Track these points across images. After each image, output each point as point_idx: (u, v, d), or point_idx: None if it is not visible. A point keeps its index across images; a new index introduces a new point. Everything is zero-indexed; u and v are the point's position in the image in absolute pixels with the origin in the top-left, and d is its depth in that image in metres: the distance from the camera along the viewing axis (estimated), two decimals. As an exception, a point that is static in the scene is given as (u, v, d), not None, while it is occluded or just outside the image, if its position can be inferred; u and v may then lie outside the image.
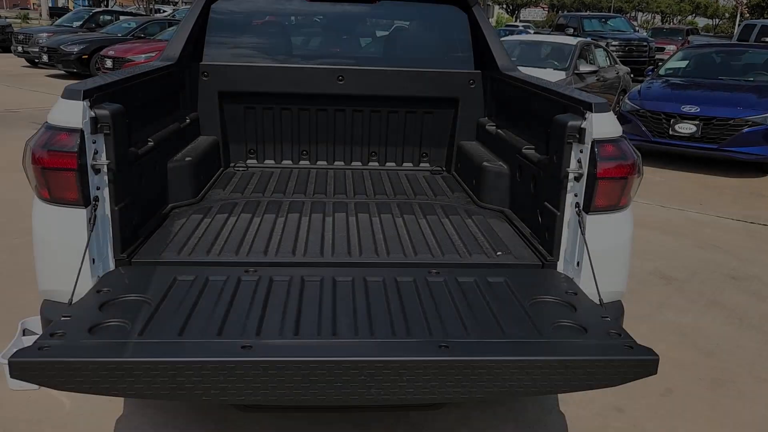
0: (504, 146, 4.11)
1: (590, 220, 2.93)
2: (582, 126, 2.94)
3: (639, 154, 2.97)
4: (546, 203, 3.21)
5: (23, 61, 22.44)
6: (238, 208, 3.86)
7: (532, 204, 3.51)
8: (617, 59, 15.96)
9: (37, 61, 21.27)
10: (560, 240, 3.10)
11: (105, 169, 2.87)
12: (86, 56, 20.05)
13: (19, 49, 22.06)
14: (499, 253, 3.22)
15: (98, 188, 2.86)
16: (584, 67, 12.77)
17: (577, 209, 2.98)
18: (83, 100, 2.73)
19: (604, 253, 2.95)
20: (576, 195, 3.01)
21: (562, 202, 3.05)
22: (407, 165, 5.06)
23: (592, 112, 2.89)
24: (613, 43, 22.47)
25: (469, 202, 4.19)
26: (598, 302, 2.81)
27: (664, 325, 5.11)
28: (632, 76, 16.28)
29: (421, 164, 5.07)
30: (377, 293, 2.73)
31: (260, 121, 4.87)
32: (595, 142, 2.86)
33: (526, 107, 3.90)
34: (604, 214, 2.94)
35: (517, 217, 3.80)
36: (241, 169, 4.86)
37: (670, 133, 10.18)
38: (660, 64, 14.08)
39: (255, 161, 4.97)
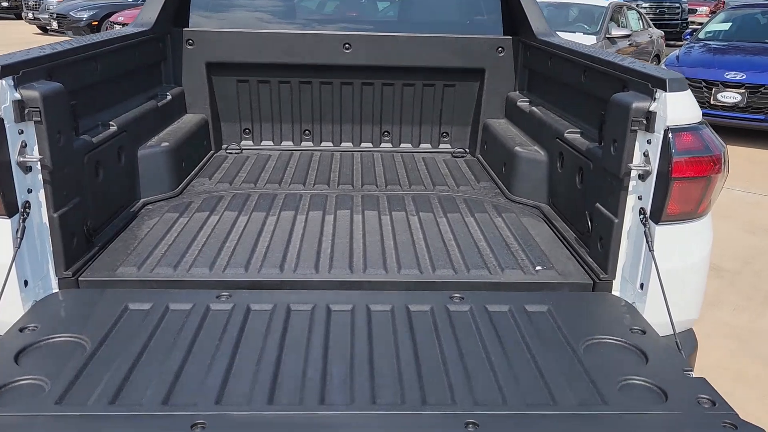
0: (540, 128, 3.43)
1: (660, 231, 2.27)
2: (651, 109, 2.26)
3: (725, 146, 2.29)
4: (599, 205, 2.55)
5: (35, 28, 21.88)
6: (223, 203, 3.24)
7: (579, 203, 2.85)
8: (650, 22, 15.00)
9: (48, 28, 20.71)
10: (617, 254, 2.45)
11: (38, 166, 2.25)
12: (96, 22, 19.44)
13: (30, 15, 21.47)
14: (538, 268, 2.58)
15: (30, 191, 2.25)
16: (616, 31, 11.88)
17: (642, 217, 2.32)
18: (2, 78, 2.11)
19: (676, 273, 2.30)
20: (640, 198, 2.35)
21: (621, 207, 2.39)
22: (425, 146, 4.39)
23: (665, 90, 2.21)
24: (644, 5, 21.33)
25: (497, 194, 3.53)
26: (673, 341, 2.16)
27: (717, 327, 4.47)
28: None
29: (441, 145, 4.40)
30: (383, 331, 2.11)
31: (255, 97, 4.22)
32: (670, 131, 2.19)
33: (569, 82, 3.22)
34: (677, 224, 2.28)
35: (557, 215, 3.14)
36: (234, 151, 4.23)
37: (712, 102, 9.36)
38: (694, 26, 13.15)
39: (250, 142, 4.34)
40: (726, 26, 11.50)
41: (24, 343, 1.96)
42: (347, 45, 4.01)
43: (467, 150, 4.37)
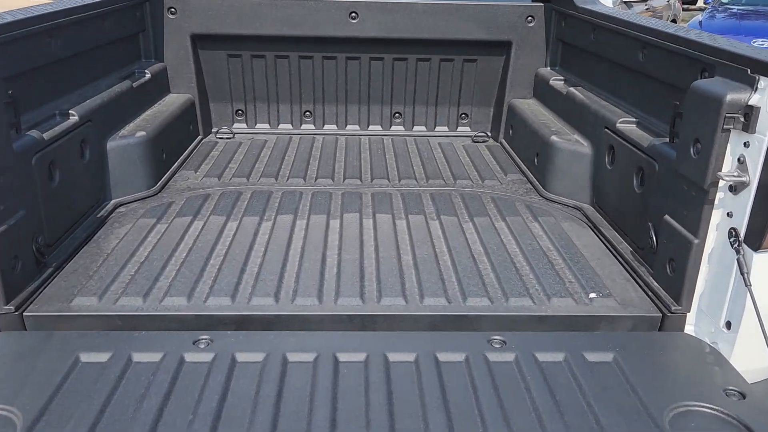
0: (582, 113, 2.92)
1: (759, 260, 1.78)
2: (752, 103, 1.76)
3: None
4: (669, 218, 2.06)
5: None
6: (209, 204, 2.75)
7: (637, 210, 2.36)
8: (667, -16, 14.27)
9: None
10: (695, 281, 1.96)
11: None
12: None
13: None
14: (592, 295, 2.10)
15: None
16: (634, -6, 11.23)
17: (732, 239, 1.82)
18: None
19: (774, 310, 1.81)
20: (730, 215, 1.85)
21: (703, 225, 1.90)
22: (441, 129, 3.88)
23: None
24: (657, -34, 20.46)
25: (529, 191, 3.04)
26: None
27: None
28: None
29: (460, 128, 3.89)
30: (408, 397, 1.63)
31: (249, 74, 3.70)
32: None
33: (621, 60, 2.70)
34: (781, 251, 1.79)
35: (603, 219, 2.65)
36: (225, 136, 3.72)
37: (739, 72, 8.78)
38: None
39: (244, 125, 3.83)
40: (751, -11, 10.83)
41: None
42: (354, 14, 3.48)
43: (489, 134, 3.86)
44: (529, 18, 3.55)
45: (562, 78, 3.35)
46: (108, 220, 2.59)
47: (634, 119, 2.53)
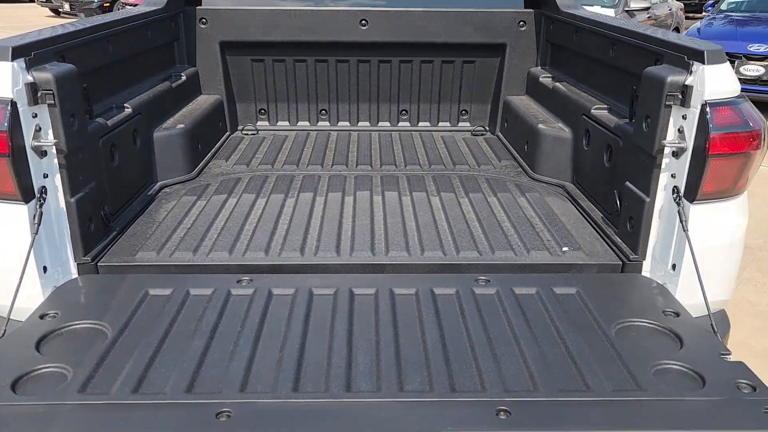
0: (565, 104, 3.34)
1: (695, 210, 2.19)
2: (687, 83, 2.17)
3: (765, 121, 2.20)
4: (629, 184, 2.47)
5: (47, 11, 21.88)
6: (241, 185, 3.18)
7: (607, 181, 2.76)
8: (670, -7, 14.67)
9: (60, 10, 20.74)
10: (648, 233, 2.37)
11: (53, 150, 2.20)
12: (108, 4, 19.41)
13: (42, -3, 21.51)
14: (565, 248, 2.51)
15: (46, 176, 2.20)
16: (636, 3, 11.62)
17: (675, 195, 2.23)
18: (13, 60, 2.05)
19: (710, 253, 2.22)
20: (674, 176, 2.26)
21: (653, 186, 2.31)
22: (444, 125, 4.31)
23: (704, 63, 2.11)
24: (662, -24, 20.83)
25: (520, 173, 3.45)
26: (707, 323, 2.09)
27: (740, 306, 4.37)
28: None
29: (460, 123, 4.32)
30: (408, 315, 2.05)
31: (271, 76, 4.15)
32: (707, 105, 2.10)
33: (597, 56, 3.11)
34: (713, 203, 2.20)
35: (582, 193, 3.06)
36: (250, 132, 4.17)
37: (735, 75, 9.14)
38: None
39: (266, 123, 4.28)
40: (749, -3, 11.22)
41: (45, 331, 1.93)
42: (364, 21, 3.92)
43: (487, 128, 4.28)
44: (521, 22, 3.98)
45: (551, 75, 3.77)
46: (156, 197, 3.03)
47: (606, 106, 2.94)
